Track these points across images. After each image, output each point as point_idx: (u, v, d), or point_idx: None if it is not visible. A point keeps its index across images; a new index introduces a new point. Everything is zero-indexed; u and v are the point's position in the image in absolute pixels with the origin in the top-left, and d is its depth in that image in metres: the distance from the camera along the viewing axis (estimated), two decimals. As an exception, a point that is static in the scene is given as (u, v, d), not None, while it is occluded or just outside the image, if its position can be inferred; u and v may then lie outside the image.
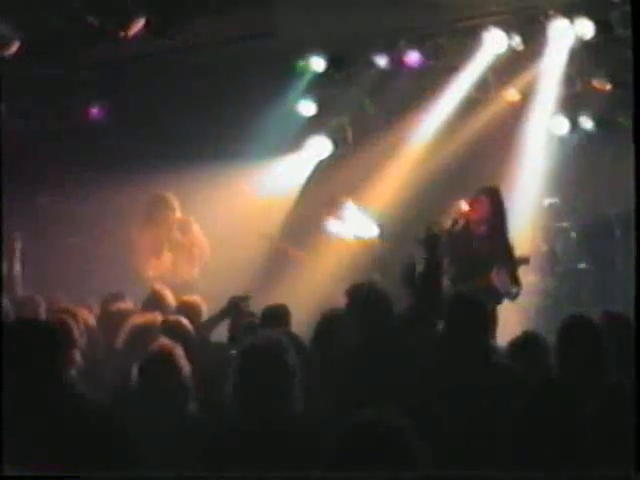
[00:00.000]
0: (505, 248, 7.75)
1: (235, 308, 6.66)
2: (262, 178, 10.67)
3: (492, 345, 5.27)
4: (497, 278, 7.54)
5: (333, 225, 9.51)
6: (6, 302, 6.47)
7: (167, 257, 9.27)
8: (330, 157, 10.83)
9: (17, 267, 7.49)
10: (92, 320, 6.33)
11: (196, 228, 9.44)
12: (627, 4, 7.02)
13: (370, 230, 9.40)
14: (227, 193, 10.34)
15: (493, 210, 7.77)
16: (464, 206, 7.81)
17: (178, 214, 9.42)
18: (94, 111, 10.62)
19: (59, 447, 3.71)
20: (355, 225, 9.48)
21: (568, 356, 4.58)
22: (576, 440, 3.85)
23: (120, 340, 5.65)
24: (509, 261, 7.67)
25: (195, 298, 6.92)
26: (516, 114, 10.10)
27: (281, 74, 10.16)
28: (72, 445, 3.73)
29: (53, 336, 4.13)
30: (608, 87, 9.38)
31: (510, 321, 8.86)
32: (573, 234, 10.06)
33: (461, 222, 7.79)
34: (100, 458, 3.75)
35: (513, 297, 7.78)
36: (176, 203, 9.41)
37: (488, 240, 7.75)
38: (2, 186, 6.64)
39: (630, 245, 7.93)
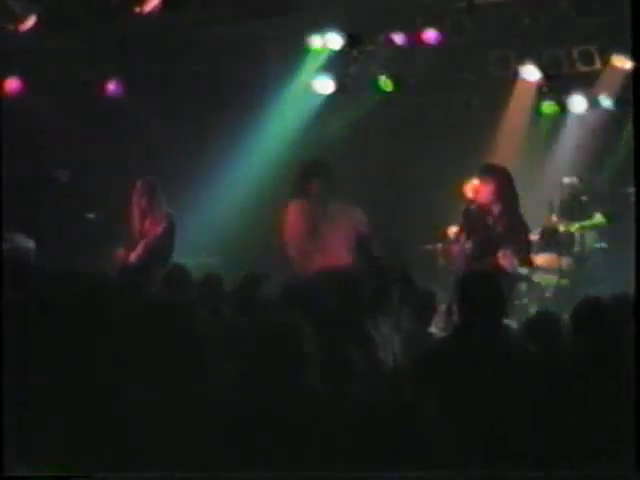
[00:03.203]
0: (513, 228, 7.64)
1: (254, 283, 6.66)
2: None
3: (507, 325, 5.24)
4: (504, 259, 7.43)
5: None
6: None
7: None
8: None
9: (31, 243, 7.49)
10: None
11: None
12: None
13: None
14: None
15: (499, 189, 7.66)
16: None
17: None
18: (111, 86, 10.61)
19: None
20: None
21: (580, 342, 4.52)
22: (576, 438, 3.84)
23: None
24: (516, 242, 7.56)
25: (215, 273, 6.86)
26: (535, 92, 10.04)
27: (298, 51, 10.11)
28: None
29: None
30: (628, 65, 9.29)
31: (525, 301, 8.88)
32: (591, 213, 10.00)
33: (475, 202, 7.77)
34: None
35: (521, 279, 7.72)
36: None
37: (501, 220, 7.66)
38: (2, 182, 6.67)
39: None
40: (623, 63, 9.32)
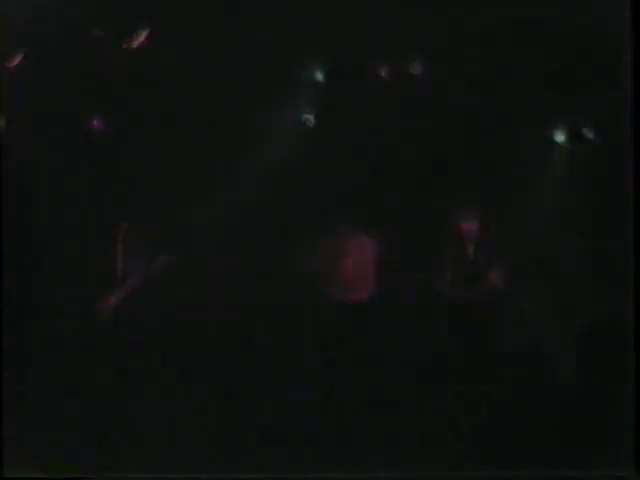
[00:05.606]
0: (496, 247, 7.80)
1: None
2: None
3: (493, 351, 5.29)
4: (494, 277, 7.57)
5: None
6: None
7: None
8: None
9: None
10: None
11: None
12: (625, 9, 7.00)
13: None
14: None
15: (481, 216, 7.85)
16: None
17: None
18: (95, 122, 10.63)
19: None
20: None
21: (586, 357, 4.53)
22: (577, 441, 3.85)
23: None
24: (501, 264, 7.71)
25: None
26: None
27: (281, 85, 10.17)
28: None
29: None
30: (607, 96, 9.39)
31: (507, 328, 8.90)
32: (570, 242, 10.07)
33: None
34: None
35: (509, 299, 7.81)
36: None
37: (482, 242, 7.81)
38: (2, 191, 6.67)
39: (624, 254, 7.99)
40: (603, 94, 9.42)
